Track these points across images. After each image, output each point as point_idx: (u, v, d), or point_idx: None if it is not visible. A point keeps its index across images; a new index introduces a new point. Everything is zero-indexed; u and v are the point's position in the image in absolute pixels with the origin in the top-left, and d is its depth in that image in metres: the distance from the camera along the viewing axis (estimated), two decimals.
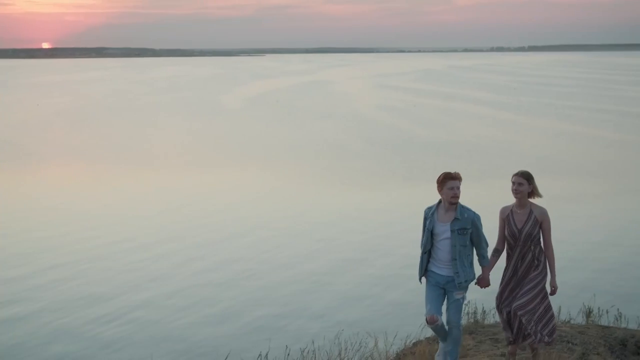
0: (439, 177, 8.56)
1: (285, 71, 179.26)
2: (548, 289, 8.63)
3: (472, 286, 8.64)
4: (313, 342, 8.31)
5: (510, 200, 8.68)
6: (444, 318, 8.51)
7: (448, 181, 8.46)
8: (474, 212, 8.56)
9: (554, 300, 8.85)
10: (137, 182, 31.64)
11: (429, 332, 9.03)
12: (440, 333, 8.57)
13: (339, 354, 8.43)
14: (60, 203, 27.02)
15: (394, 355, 8.81)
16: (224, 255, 20.07)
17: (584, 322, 10.99)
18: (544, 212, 8.66)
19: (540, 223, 8.61)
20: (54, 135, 49.43)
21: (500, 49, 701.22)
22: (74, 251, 20.20)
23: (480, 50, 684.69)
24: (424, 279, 8.66)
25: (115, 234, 22.10)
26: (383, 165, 35.24)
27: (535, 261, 8.64)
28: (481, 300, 11.32)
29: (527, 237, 8.58)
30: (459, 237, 8.39)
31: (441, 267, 8.52)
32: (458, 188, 8.46)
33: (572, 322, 10.91)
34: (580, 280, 17.50)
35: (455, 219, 8.43)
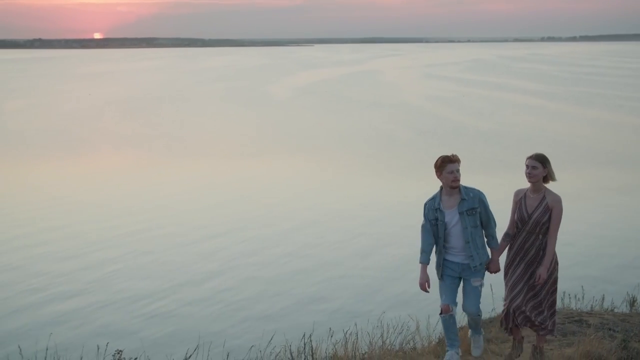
0: (437, 161, 8.21)
1: (334, 61, 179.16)
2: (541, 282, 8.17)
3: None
4: (356, 324, 8.50)
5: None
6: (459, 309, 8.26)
7: (447, 165, 8.14)
8: (479, 190, 8.28)
9: (572, 288, 8.92)
10: (186, 172, 32.08)
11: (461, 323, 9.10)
12: (450, 326, 8.22)
13: (381, 335, 8.63)
14: (110, 193, 27.52)
15: (437, 340, 8.98)
16: (273, 243, 20.35)
17: (627, 311, 11.06)
18: (556, 200, 8.21)
19: (550, 210, 8.16)
20: (105, 125, 50.23)
21: (551, 39, 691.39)
22: (127, 242, 20.49)
23: (531, 40, 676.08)
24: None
25: (165, 225, 22.42)
26: (431, 155, 35.18)
27: (542, 253, 8.21)
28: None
29: (534, 224, 8.19)
30: (468, 217, 8.14)
31: (455, 255, 8.25)
32: (458, 171, 8.16)
33: (615, 310, 10.99)
34: (625, 269, 17.48)
35: (462, 199, 8.16)
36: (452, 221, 8.19)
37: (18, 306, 15.39)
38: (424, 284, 8.22)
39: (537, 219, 8.16)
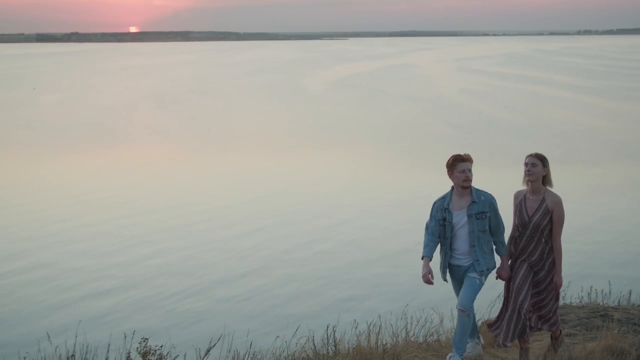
0: (448, 160, 7.97)
1: (369, 55, 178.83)
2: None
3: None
4: (379, 316, 8.58)
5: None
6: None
7: (458, 164, 7.87)
8: (491, 195, 7.95)
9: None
10: (220, 166, 32.31)
11: (496, 313, 9.12)
12: (466, 328, 7.82)
13: (405, 327, 8.70)
14: (144, 187, 27.78)
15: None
16: (305, 238, 20.46)
17: None
18: (556, 202, 7.81)
19: (551, 212, 7.78)
20: (141, 118, 50.70)
21: (587, 32, 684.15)
22: (161, 237, 20.64)
23: (567, 33, 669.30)
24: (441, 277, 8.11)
25: (200, 220, 22.54)
26: (464, 149, 35.09)
27: (545, 256, 7.87)
28: None
29: (535, 228, 7.82)
30: (477, 222, 7.81)
31: (460, 258, 7.94)
32: (469, 170, 7.87)
33: None
34: None
35: (473, 202, 7.84)
36: (460, 223, 7.89)
37: (52, 301, 15.64)
38: (427, 275, 7.83)
39: (537, 222, 7.81)
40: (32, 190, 26.67)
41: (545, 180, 7.93)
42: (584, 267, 17.11)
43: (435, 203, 8.13)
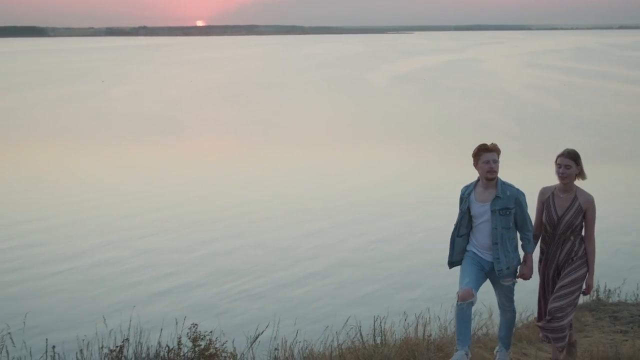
0: (474, 150, 7.50)
1: (434, 48, 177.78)
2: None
3: None
4: (429, 309, 8.61)
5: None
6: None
7: (483, 154, 7.41)
8: (518, 189, 7.47)
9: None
10: (282, 158, 32.49)
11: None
12: (466, 318, 7.29)
13: (453, 320, 8.70)
14: (208, 177, 28.14)
15: (519, 332, 8.97)
16: (363, 229, 20.52)
17: None
18: (589, 200, 7.46)
19: (584, 212, 7.43)
20: (206, 111, 51.26)
21: None
22: (223, 226, 20.93)
23: (637, 27, 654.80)
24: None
25: (260, 209, 22.76)
26: (528, 144, 34.77)
27: (573, 254, 7.51)
28: (605, 277, 11.32)
29: (567, 227, 7.46)
30: (500, 218, 7.34)
31: (483, 252, 7.49)
32: (495, 161, 7.39)
33: None
34: None
35: (496, 197, 7.37)
36: (482, 217, 7.45)
37: (110, 286, 16.06)
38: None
39: (570, 222, 7.46)
40: (100, 181, 27.23)
41: (578, 176, 7.58)
42: None
43: (462, 190, 7.70)
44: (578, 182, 7.60)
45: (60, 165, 30.60)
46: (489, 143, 7.53)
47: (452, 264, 7.76)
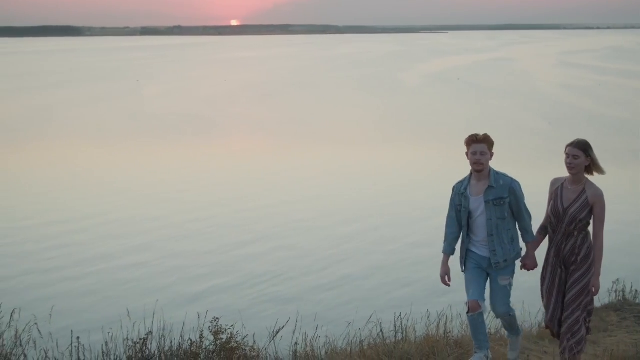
0: (465, 140, 7.39)
1: (467, 48, 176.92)
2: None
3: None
4: (450, 307, 8.64)
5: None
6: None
7: (471, 144, 7.28)
8: (512, 178, 7.34)
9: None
10: (315, 157, 32.57)
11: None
12: (479, 326, 7.28)
13: None
14: (241, 177, 28.25)
15: (536, 326, 8.98)
16: (395, 230, 20.53)
17: None
18: (598, 194, 7.18)
19: (591, 206, 7.16)
20: (239, 110, 51.49)
21: None
22: (257, 227, 20.91)
23: None
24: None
25: (293, 211, 22.78)
26: (561, 145, 34.51)
27: (577, 250, 7.24)
28: (631, 277, 11.25)
29: (571, 220, 7.19)
30: (494, 208, 7.21)
31: (480, 247, 7.37)
32: (482, 153, 7.24)
33: None
34: None
35: (489, 187, 7.24)
36: (478, 210, 7.32)
37: (134, 281, 16.33)
38: (444, 278, 7.51)
39: (574, 215, 7.18)
40: (135, 178, 27.52)
41: (590, 169, 7.31)
42: None
43: (454, 188, 7.61)
44: (596, 177, 7.37)
45: (93, 165, 30.91)
46: (480, 134, 7.37)
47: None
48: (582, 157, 7.22)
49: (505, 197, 7.25)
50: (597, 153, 7.46)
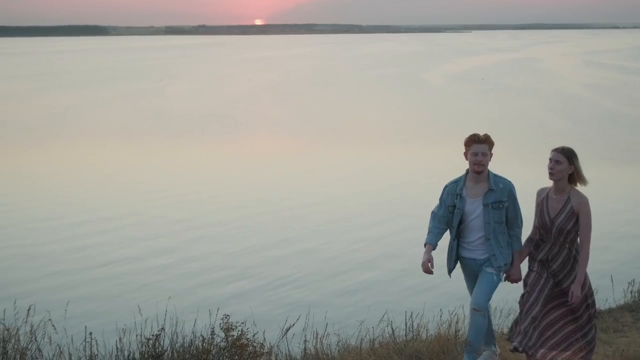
0: (465, 140, 7.25)
1: (492, 48, 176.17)
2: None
3: None
4: (462, 306, 8.64)
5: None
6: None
7: (472, 145, 7.15)
8: (510, 182, 7.18)
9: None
10: (337, 157, 32.53)
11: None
12: (483, 326, 7.12)
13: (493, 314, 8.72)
14: (264, 177, 28.28)
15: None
16: (413, 231, 20.51)
17: None
18: (582, 202, 6.91)
19: (577, 215, 6.88)
20: (261, 109, 51.67)
21: None
22: (280, 227, 20.87)
23: None
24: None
25: (317, 212, 22.64)
26: (584, 145, 34.31)
27: (570, 265, 6.97)
28: None
29: (559, 232, 6.93)
30: (493, 212, 7.00)
31: (473, 250, 7.15)
32: (484, 154, 7.10)
33: None
34: None
35: (490, 190, 7.05)
36: (474, 213, 7.09)
37: (145, 278, 16.50)
38: (426, 264, 7.13)
39: (561, 226, 6.91)
40: (158, 177, 27.68)
41: (574, 178, 7.01)
42: None
43: (446, 187, 7.40)
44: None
45: (116, 164, 31.12)
46: (481, 134, 7.22)
47: (452, 270, 7.47)
48: (565, 163, 6.94)
49: (505, 200, 7.07)
50: (622, 154, 7.34)
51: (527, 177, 27.45)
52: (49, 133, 40.30)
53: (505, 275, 7.19)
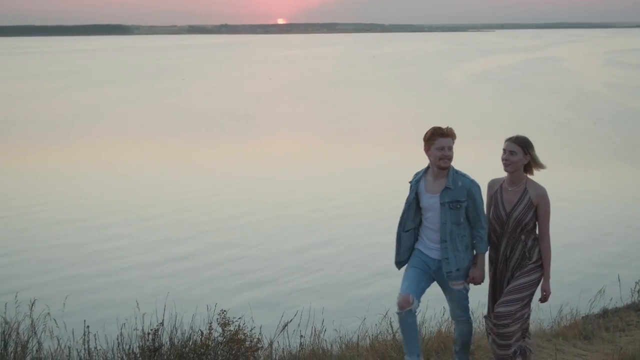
0: (426, 133, 6.79)
1: (514, 47, 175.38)
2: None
3: None
4: (479, 302, 8.62)
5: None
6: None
7: (437, 138, 6.69)
8: (472, 180, 6.67)
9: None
10: (357, 155, 32.53)
11: (598, 308, 8.89)
12: (408, 327, 6.59)
13: None
14: (283, 175, 28.38)
15: (558, 328, 8.89)
16: None
17: None
18: (541, 194, 6.63)
19: (535, 207, 6.58)
20: (282, 108, 51.74)
21: None
22: (297, 225, 20.99)
23: None
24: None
25: (330, 209, 22.77)
26: (605, 145, 34.14)
27: (527, 254, 6.62)
28: None
29: (516, 225, 6.59)
30: (450, 212, 6.52)
31: (431, 249, 6.68)
32: (450, 148, 6.67)
33: None
34: None
35: (446, 188, 6.57)
36: (430, 210, 6.64)
37: (149, 274, 16.67)
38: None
39: (519, 219, 6.59)
40: (179, 177, 27.80)
41: (529, 168, 6.72)
42: None
43: (410, 182, 6.94)
44: (538, 174, 6.82)
45: (138, 163, 31.32)
46: (444, 127, 6.81)
47: (399, 263, 6.93)
48: (519, 153, 6.63)
49: (463, 200, 6.57)
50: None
51: (551, 178, 27.44)
52: (73, 131, 40.58)
53: (469, 277, 6.73)
